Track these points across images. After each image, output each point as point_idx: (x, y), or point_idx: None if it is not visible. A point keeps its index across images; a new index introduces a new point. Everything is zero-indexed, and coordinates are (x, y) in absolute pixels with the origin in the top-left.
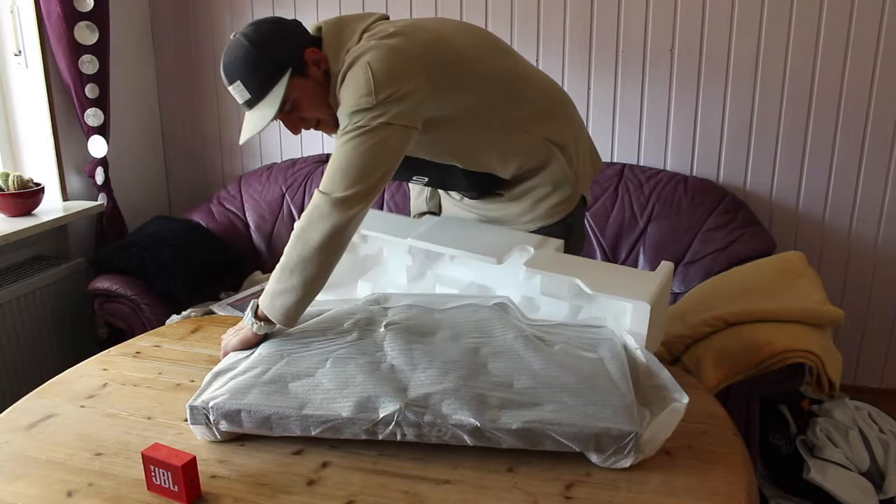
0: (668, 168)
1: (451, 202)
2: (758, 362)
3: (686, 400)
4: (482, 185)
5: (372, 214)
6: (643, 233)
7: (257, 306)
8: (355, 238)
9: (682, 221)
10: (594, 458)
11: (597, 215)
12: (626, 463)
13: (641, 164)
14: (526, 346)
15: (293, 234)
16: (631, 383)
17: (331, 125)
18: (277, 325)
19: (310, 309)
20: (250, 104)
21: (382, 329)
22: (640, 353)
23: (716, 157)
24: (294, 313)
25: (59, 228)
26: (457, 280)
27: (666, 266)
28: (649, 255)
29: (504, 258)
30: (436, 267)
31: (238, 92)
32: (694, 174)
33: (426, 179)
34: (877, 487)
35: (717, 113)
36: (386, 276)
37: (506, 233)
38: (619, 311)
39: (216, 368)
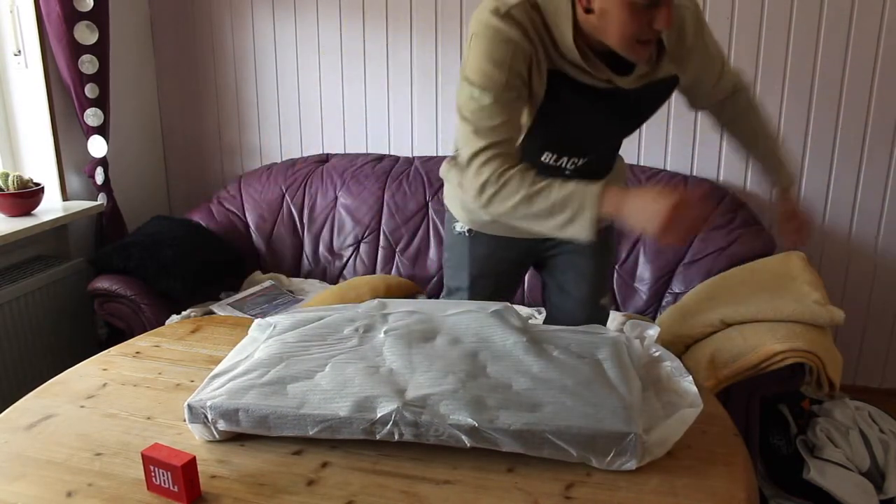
0: (668, 168)
1: None
2: (758, 362)
3: (700, 407)
4: (611, 161)
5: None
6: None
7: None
8: None
9: None
10: (596, 462)
11: None
12: (631, 465)
13: (642, 163)
14: (525, 351)
15: None
16: (629, 386)
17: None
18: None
19: (309, 314)
20: None
21: (382, 335)
22: (666, 364)
23: (716, 157)
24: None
25: (58, 228)
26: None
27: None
28: (650, 254)
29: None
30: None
31: None
32: (694, 174)
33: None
34: (877, 487)
35: None
36: None
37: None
38: None
39: (215, 370)
